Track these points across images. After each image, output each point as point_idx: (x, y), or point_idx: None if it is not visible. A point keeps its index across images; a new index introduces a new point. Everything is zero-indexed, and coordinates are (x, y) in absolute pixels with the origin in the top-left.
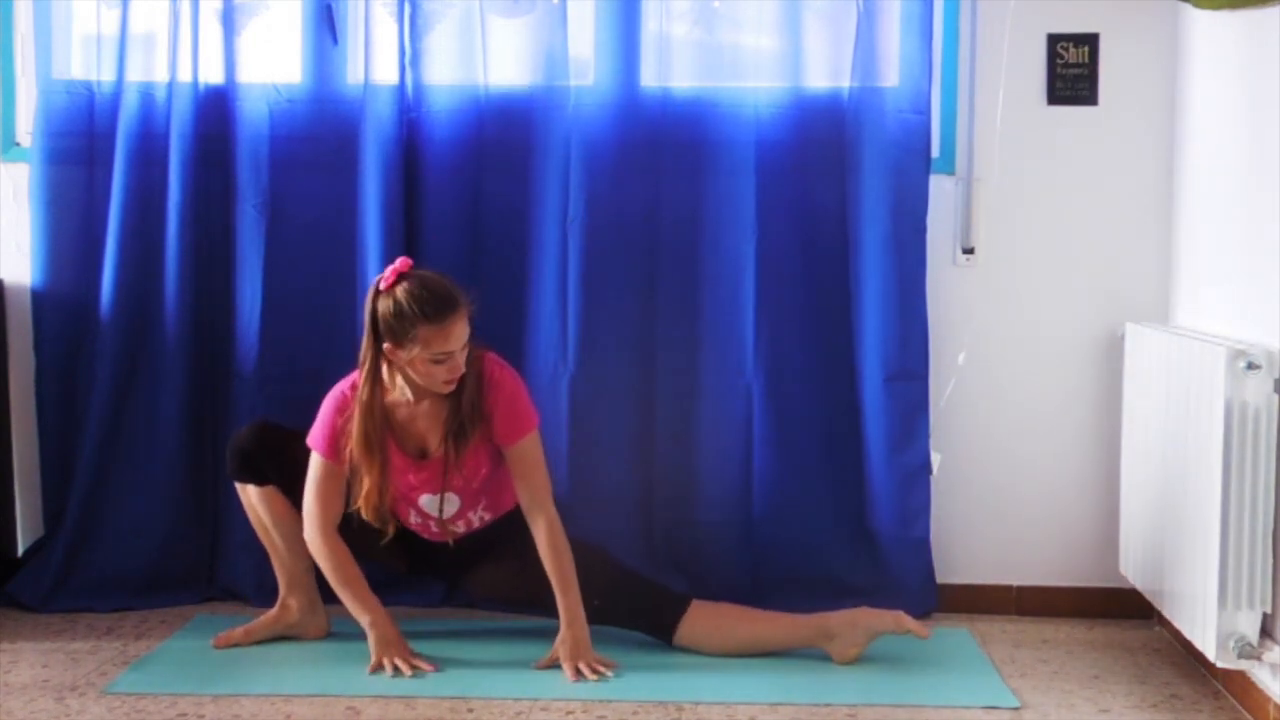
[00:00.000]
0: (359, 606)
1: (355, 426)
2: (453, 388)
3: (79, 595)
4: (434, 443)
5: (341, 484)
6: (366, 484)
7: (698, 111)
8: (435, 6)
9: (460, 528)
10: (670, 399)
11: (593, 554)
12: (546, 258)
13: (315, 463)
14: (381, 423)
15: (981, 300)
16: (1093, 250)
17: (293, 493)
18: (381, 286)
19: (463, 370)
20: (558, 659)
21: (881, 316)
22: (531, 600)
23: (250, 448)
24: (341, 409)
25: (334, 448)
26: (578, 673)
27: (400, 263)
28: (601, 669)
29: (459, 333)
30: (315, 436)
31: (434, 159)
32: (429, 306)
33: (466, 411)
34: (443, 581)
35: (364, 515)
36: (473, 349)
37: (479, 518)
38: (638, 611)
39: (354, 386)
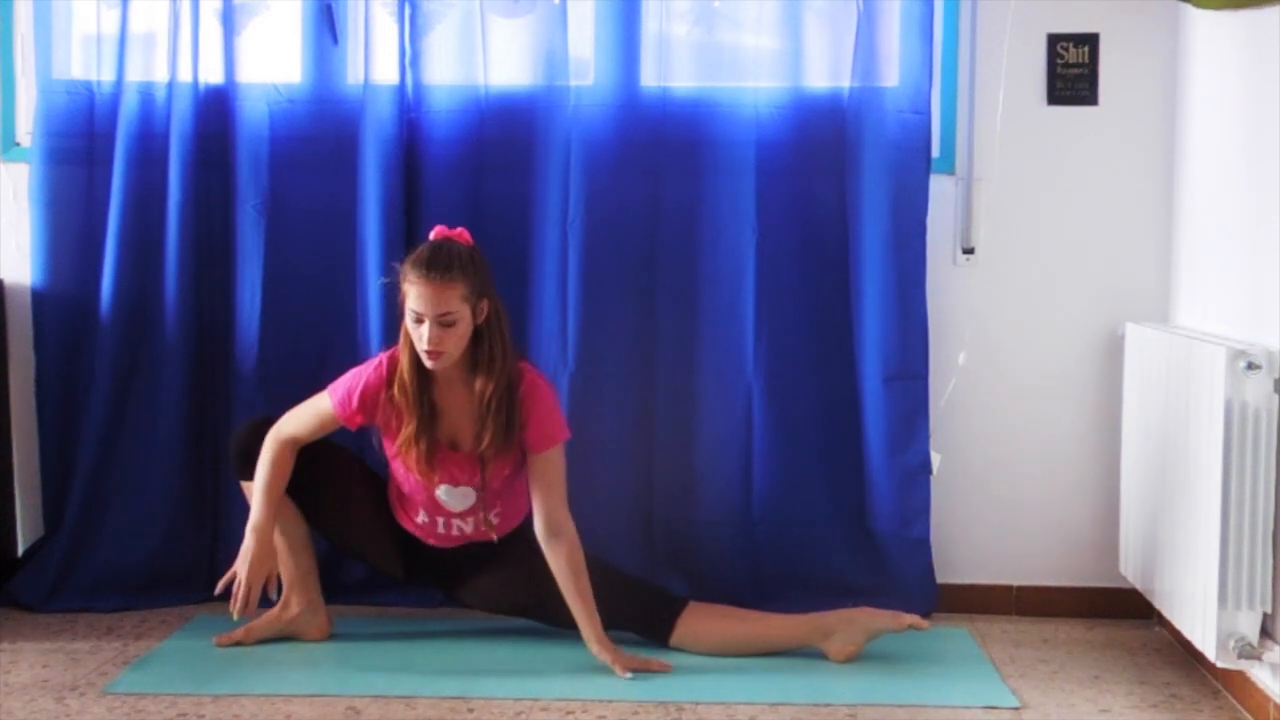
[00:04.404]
0: (258, 511)
1: (402, 358)
2: (431, 363)
3: (79, 595)
4: (466, 436)
5: (324, 432)
6: (407, 429)
7: (698, 111)
8: (435, 6)
9: (468, 527)
10: (670, 398)
11: (586, 559)
12: (546, 257)
13: (321, 401)
14: (424, 374)
15: (981, 300)
16: (1093, 250)
17: (294, 490)
18: (430, 235)
19: (441, 351)
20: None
21: (881, 316)
22: (527, 608)
23: (252, 446)
24: (374, 380)
25: (346, 405)
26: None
27: (457, 231)
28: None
29: (434, 299)
30: (336, 385)
31: (434, 159)
32: (421, 258)
33: (496, 411)
34: (438, 589)
35: (407, 462)
36: (509, 357)
37: (489, 522)
38: (632, 614)
39: (392, 357)
